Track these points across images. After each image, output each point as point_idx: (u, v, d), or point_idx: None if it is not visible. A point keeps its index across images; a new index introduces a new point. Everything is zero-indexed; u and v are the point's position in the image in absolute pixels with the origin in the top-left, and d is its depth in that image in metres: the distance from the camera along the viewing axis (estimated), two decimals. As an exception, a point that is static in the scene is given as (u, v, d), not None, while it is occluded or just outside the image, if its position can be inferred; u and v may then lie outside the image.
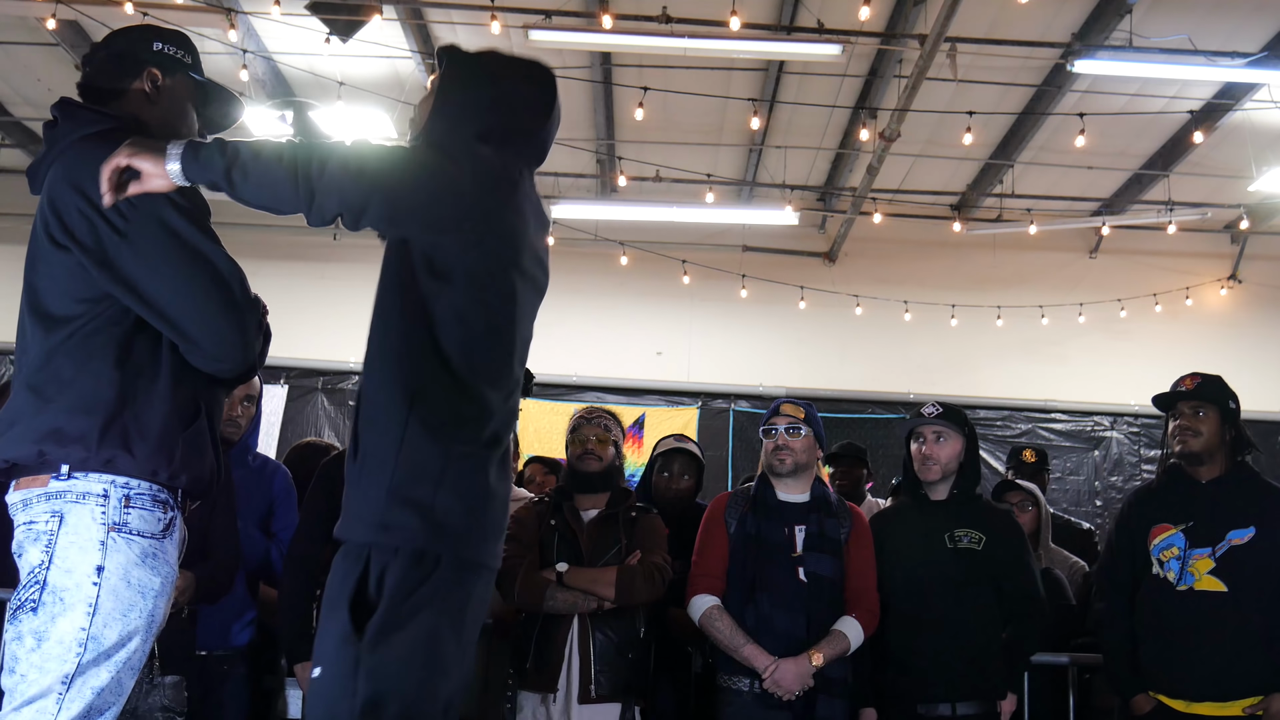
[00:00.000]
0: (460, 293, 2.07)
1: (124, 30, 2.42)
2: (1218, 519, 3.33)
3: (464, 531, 2.03)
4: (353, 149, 1.91)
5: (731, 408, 9.52)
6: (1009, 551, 3.56)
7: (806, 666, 3.33)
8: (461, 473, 2.04)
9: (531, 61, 2.34)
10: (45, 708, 1.94)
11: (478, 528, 2.06)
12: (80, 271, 2.06)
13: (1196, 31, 6.48)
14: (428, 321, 2.06)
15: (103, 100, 2.25)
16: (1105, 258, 9.86)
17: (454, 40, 7.21)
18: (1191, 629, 3.27)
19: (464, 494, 2.04)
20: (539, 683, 3.42)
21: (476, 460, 2.07)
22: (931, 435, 3.61)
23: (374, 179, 1.90)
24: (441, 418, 2.05)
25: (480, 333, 2.10)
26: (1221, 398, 3.42)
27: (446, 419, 2.05)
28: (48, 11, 6.19)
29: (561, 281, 2.10)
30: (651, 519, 3.63)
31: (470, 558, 2.05)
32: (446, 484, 2.02)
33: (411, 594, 1.97)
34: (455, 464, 2.04)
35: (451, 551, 2.02)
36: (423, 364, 2.06)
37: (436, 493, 2.01)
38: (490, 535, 2.10)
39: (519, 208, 2.16)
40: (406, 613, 1.96)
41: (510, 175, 2.15)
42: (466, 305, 2.07)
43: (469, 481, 2.05)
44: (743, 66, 7.42)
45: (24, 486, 2.05)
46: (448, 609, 2.01)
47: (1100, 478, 9.51)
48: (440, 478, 2.02)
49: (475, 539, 2.05)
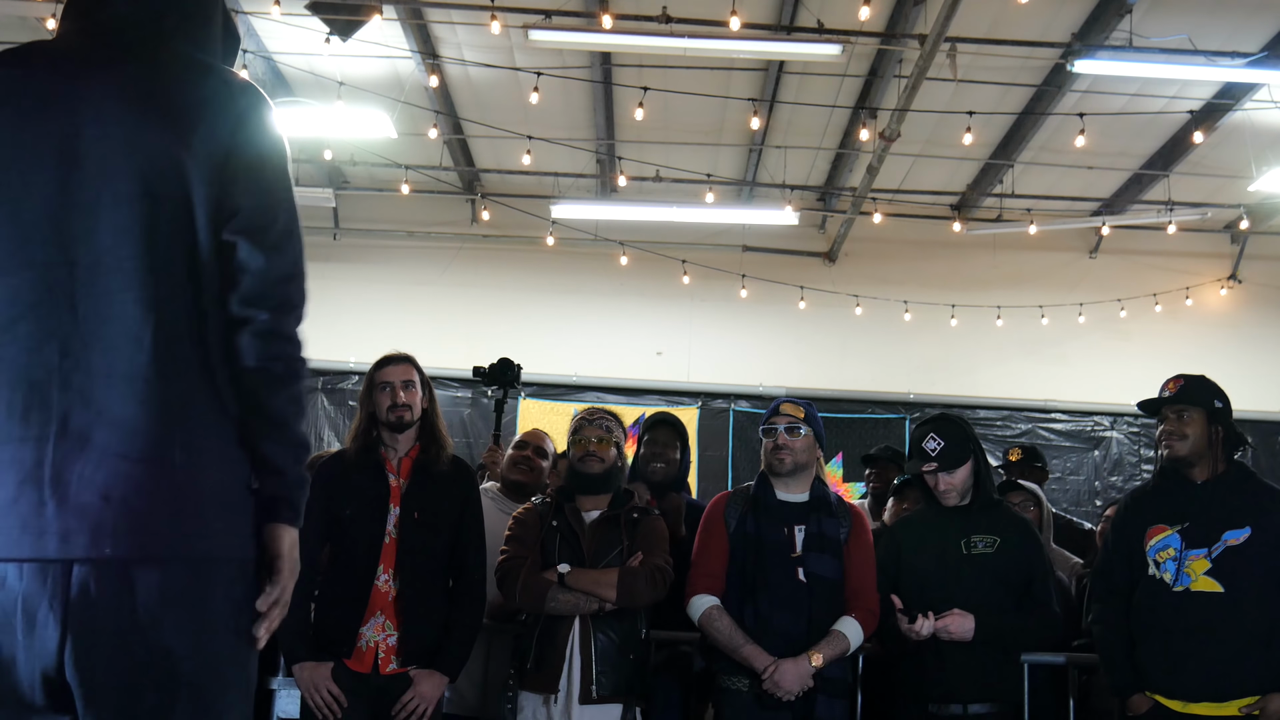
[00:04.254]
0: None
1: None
2: (1213, 520, 3.33)
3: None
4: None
5: (731, 408, 9.52)
6: (1023, 556, 3.58)
7: (806, 667, 3.33)
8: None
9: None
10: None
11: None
12: None
13: (1196, 31, 6.48)
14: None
15: None
16: (1105, 258, 9.87)
17: (454, 41, 7.25)
18: (1188, 629, 3.27)
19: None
20: (540, 683, 3.41)
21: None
22: (935, 480, 3.63)
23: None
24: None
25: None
26: (1206, 398, 3.41)
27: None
28: (47, 11, 6.19)
29: (561, 281, 2.09)
30: (653, 520, 3.63)
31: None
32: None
33: None
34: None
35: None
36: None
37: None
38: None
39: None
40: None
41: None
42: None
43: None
44: (743, 66, 7.42)
45: None
46: None
47: (1100, 478, 9.52)
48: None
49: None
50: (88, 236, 1.63)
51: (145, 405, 1.60)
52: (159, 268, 1.64)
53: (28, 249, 1.64)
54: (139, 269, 1.63)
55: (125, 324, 1.62)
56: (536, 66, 7.02)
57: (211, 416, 1.66)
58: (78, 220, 1.64)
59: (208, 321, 1.67)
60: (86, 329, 1.61)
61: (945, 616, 3.41)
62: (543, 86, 7.05)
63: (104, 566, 1.54)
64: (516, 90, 7.56)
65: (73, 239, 1.63)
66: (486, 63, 7.28)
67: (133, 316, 1.62)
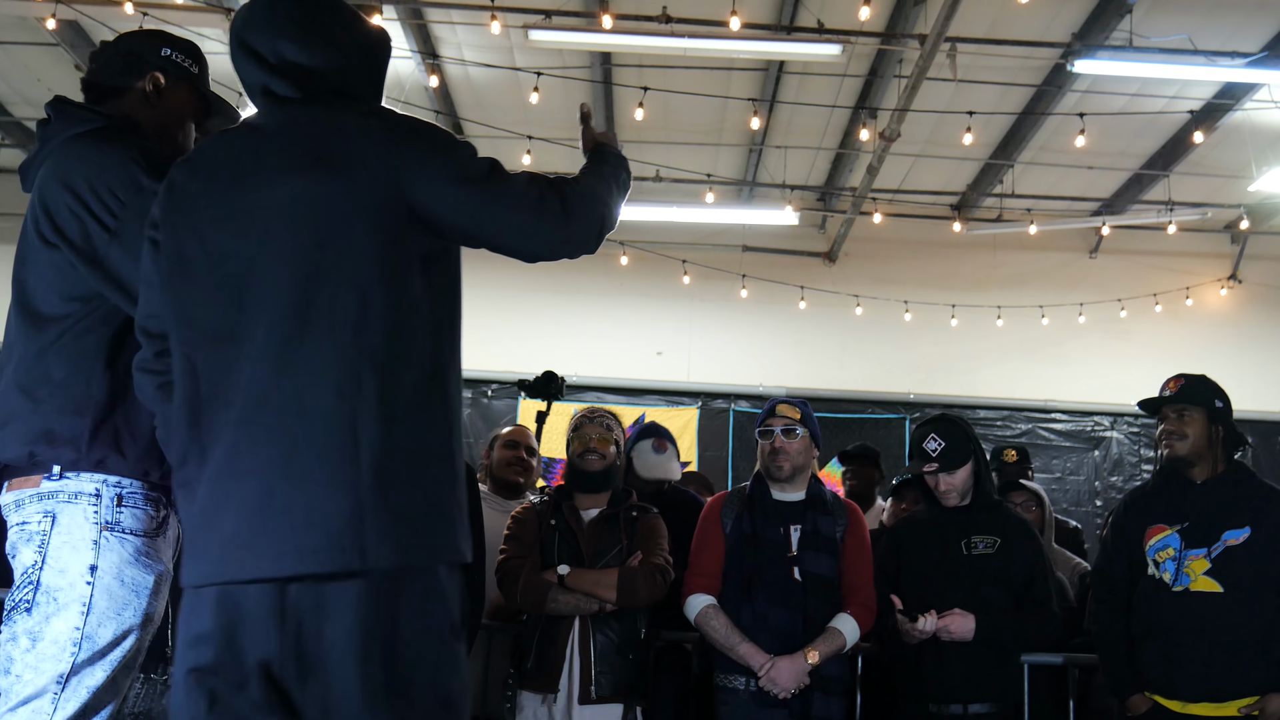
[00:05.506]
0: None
1: (136, 32, 2.44)
2: (1213, 520, 3.33)
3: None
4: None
5: (731, 408, 9.51)
6: (1024, 557, 3.58)
7: (802, 665, 3.33)
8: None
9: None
10: (41, 708, 1.95)
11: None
12: (70, 270, 2.05)
13: (1196, 31, 6.47)
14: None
15: (104, 97, 2.25)
16: (1105, 258, 9.86)
17: (454, 41, 7.24)
18: (1187, 630, 3.27)
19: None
20: (540, 683, 3.41)
21: None
22: (936, 480, 3.63)
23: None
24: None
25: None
26: (1206, 397, 3.41)
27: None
28: (47, 11, 6.19)
29: (562, 281, 2.09)
30: (652, 519, 3.62)
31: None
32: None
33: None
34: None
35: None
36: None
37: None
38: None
39: None
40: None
41: None
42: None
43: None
44: (743, 66, 7.42)
45: (16, 487, 2.05)
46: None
47: (1100, 478, 9.51)
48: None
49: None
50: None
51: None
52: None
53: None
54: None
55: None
56: (536, 66, 7.02)
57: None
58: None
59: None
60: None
61: (946, 616, 3.41)
62: (543, 86, 7.05)
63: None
64: (516, 90, 7.56)
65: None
66: (486, 63, 7.28)
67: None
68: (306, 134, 1.79)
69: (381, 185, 1.75)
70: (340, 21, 1.95)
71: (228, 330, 1.73)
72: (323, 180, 1.74)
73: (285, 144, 1.79)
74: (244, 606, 1.65)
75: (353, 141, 1.77)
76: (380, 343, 1.70)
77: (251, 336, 1.71)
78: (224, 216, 1.77)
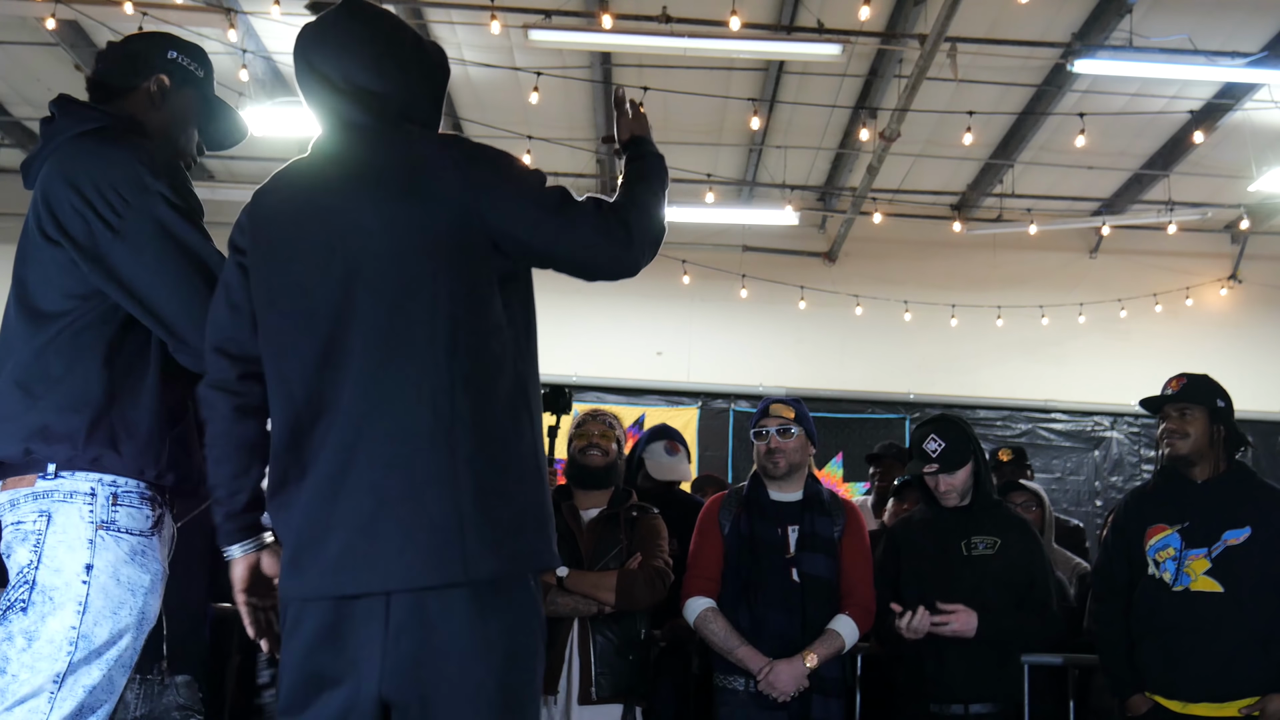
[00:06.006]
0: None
1: (143, 34, 2.46)
2: (1213, 519, 3.32)
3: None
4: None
5: (731, 408, 9.51)
6: (1024, 557, 3.57)
7: (801, 668, 3.33)
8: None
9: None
10: (37, 707, 1.94)
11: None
12: (71, 267, 2.05)
13: (1196, 31, 6.47)
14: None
15: (108, 97, 2.26)
16: (1105, 258, 9.86)
17: (454, 41, 7.24)
18: (1188, 630, 3.26)
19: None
20: (538, 684, 3.41)
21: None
22: (936, 481, 3.62)
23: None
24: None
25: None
26: (1208, 397, 3.40)
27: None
28: (47, 11, 6.19)
29: (562, 282, 2.08)
30: (652, 519, 3.62)
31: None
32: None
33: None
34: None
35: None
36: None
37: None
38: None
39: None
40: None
41: None
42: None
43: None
44: (743, 66, 7.42)
45: (11, 487, 2.04)
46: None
47: (1100, 478, 9.51)
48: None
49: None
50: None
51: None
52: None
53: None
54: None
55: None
56: (536, 66, 7.02)
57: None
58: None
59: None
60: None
61: (950, 613, 3.40)
62: (543, 86, 7.05)
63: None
64: (516, 90, 7.56)
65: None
66: (486, 63, 7.28)
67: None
68: (387, 162, 1.86)
69: (463, 213, 1.83)
70: (406, 44, 2.00)
71: (324, 357, 1.81)
72: (408, 209, 1.81)
73: (368, 173, 1.85)
74: (352, 619, 1.73)
75: (434, 171, 1.84)
76: (470, 363, 1.79)
77: (347, 363, 1.79)
78: (313, 247, 1.84)
